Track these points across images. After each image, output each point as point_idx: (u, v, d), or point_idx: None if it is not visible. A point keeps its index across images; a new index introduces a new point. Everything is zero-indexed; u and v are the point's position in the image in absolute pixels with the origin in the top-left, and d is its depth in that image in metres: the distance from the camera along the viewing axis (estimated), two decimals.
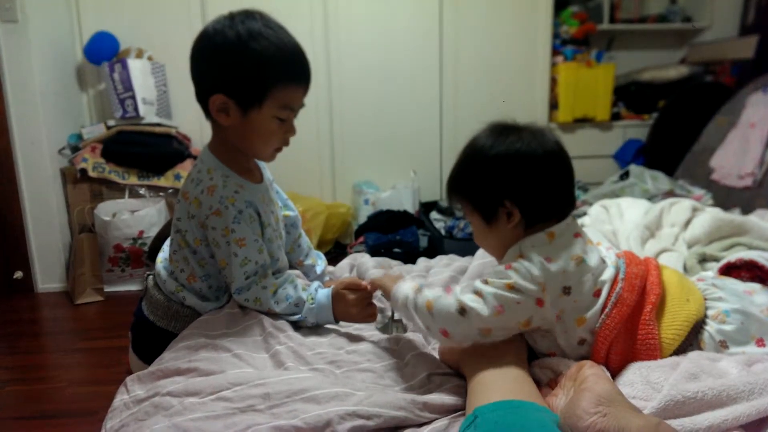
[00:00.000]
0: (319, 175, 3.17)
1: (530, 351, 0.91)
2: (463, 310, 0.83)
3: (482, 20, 3.08)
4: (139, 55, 2.80)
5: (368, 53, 3.07)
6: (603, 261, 0.88)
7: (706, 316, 0.87)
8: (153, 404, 0.83)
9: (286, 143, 1.08)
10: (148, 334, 1.13)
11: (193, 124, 2.94)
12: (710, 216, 1.46)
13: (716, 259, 1.28)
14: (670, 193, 2.60)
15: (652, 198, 2.54)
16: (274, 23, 1.01)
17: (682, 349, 0.84)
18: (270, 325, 1.04)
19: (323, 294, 1.09)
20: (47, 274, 2.73)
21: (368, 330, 1.12)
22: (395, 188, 3.05)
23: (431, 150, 3.18)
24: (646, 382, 0.77)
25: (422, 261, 1.48)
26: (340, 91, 3.08)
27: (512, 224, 0.88)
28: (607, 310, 0.83)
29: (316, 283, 1.13)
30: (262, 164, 1.20)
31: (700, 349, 0.85)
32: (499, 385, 0.79)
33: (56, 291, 2.74)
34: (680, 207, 1.56)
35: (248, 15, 1.00)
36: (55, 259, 2.72)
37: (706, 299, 0.89)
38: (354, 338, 1.06)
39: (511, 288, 0.82)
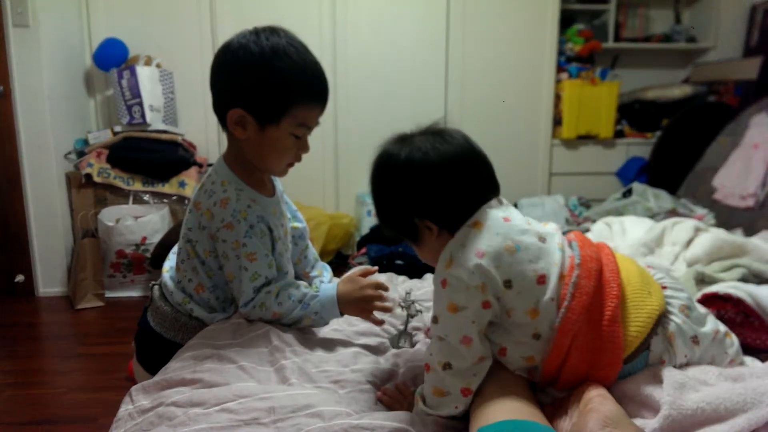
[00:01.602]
0: (322, 186, 3.18)
1: None
2: (447, 365, 0.80)
3: (488, 36, 3.11)
4: (148, 62, 2.82)
5: (374, 65, 3.09)
6: (542, 240, 0.82)
7: (668, 307, 0.81)
8: (157, 414, 0.83)
9: (299, 159, 1.08)
10: (154, 345, 1.13)
11: (198, 131, 2.96)
12: (711, 236, 1.47)
13: (715, 280, 1.28)
14: (672, 212, 2.61)
15: (654, 216, 2.54)
16: (297, 41, 1.01)
17: (645, 345, 0.79)
18: (276, 338, 1.04)
19: (329, 285, 1.09)
20: (49, 278, 2.74)
21: (374, 342, 1.12)
22: None
23: None
24: (639, 402, 0.76)
25: (430, 277, 1.48)
26: (345, 101, 3.09)
27: (435, 236, 0.86)
28: (566, 302, 0.77)
29: (319, 279, 1.14)
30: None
31: (668, 341, 0.79)
32: (502, 404, 0.78)
33: (57, 295, 2.74)
34: (683, 226, 1.57)
35: (273, 31, 1.00)
36: (57, 264, 2.73)
37: (664, 288, 0.84)
38: (359, 355, 1.05)
39: (455, 309, 0.79)
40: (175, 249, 1.15)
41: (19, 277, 2.72)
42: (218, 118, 1.06)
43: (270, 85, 0.97)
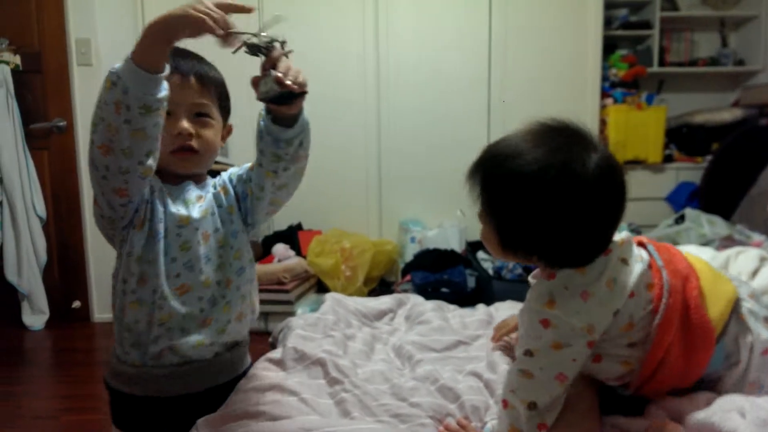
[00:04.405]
0: (365, 212, 3.20)
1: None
2: (533, 405, 0.79)
3: (531, 63, 3.11)
4: None
5: (417, 94, 3.13)
6: (624, 261, 0.80)
7: (739, 296, 0.86)
8: None
9: (183, 142, 0.94)
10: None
11: (249, 160, 3.04)
12: None
13: None
14: (728, 239, 2.52)
15: (709, 243, 2.46)
16: None
17: (724, 330, 0.82)
18: (333, 368, 1.05)
19: None
20: (104, 305, 2.83)
21: (426, 373, 1.11)
22: (442, 227, 3.05)
23: None
24: None
25: (481, 307, 1.47)
26: (388, 129, 3.14)
27: (528, 261, 0.83)
28: (663, 300, 0.79)
29: None
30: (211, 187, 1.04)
31: (741, 322, 0.83)
32: None
33: (112, 321, 2.82)
34: (747, 256, 1.51)
35: None
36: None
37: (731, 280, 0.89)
38: (416, 388, 1.05)
39: (559, 347, 0.77)
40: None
41: (76, 304, 2.82)
42: None
43: None
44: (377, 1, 3.04)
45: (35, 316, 2.71)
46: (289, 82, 0.84)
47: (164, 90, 0.82)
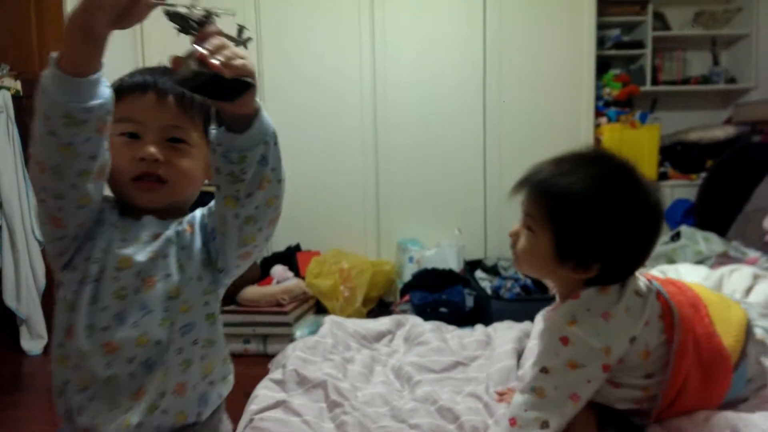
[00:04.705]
0: (363, 233, 3.22)
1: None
2: (545, 424, 0.80)
3: (526, 84, 3.16)
4: None
5: (414, 112, 3.17)
6: (639, 294, 0.86)
7: (750, 319, 0.88)
8: None
9: (147, 168, 0.80)
10: None
11: None
12: None
13: None
14: (724, 255, 2.53)
15: (705, 260, 2.47)
16: None
17: (742, 355, 0.85)
18: (334, 391, 1.06)
19: None
20: None
21: (426, 394, 1.11)
22: (440, 246, 3.06)
23: (475, 208, 3.21)
24: None
25: (480, 328, 1.48)
26: (386, 149, 3.17)
27: (578, 275, 0.85)
28: (676, 329, 0.82)
29: None
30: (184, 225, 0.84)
31: (761, 344, 0.85)
32: None
33: None
34: (741, 274, 1.53)
35: None
36: None
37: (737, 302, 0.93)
38: (415, 410, 1.05)
39: (574, 366, 0.80)
40: None
41: None
42: None
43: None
44: (373, 22, 3.10)
45: (34, 341, 2.70)
46: (215, 62, 0.62)
47: (98, 98, 0.68)
